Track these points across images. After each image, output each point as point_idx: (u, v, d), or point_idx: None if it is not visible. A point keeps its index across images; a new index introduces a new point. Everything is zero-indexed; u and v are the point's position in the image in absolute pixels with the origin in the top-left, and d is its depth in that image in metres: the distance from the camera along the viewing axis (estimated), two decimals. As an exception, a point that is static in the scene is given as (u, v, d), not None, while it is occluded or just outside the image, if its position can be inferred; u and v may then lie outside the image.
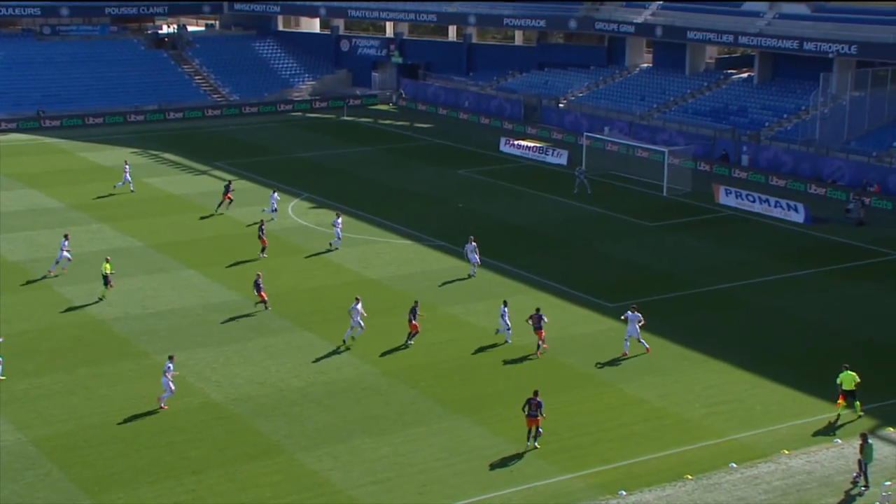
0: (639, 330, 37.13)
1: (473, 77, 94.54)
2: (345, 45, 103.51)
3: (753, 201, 58.25)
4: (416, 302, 38.76)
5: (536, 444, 30.72)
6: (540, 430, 30.82)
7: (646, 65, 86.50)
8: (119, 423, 32.00)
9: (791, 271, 47.27)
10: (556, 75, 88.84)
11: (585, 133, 71.41)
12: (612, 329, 39.57)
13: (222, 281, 45.25)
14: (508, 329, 38.05)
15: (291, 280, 45.59)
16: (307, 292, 44.00)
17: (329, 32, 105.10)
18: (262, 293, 41.61)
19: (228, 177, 66.15)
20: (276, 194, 55.67)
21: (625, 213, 57.51)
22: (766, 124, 71.40)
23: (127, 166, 62.42)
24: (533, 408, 30.61)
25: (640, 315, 37.29)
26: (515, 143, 74.51)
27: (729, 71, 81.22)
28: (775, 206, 57.09)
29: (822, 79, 67.18)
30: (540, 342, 36.42)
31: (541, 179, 65.77)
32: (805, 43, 71.23)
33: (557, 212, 57.82)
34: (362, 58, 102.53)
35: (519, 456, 30.14)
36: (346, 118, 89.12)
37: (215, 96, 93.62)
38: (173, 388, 33.17)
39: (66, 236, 46.39)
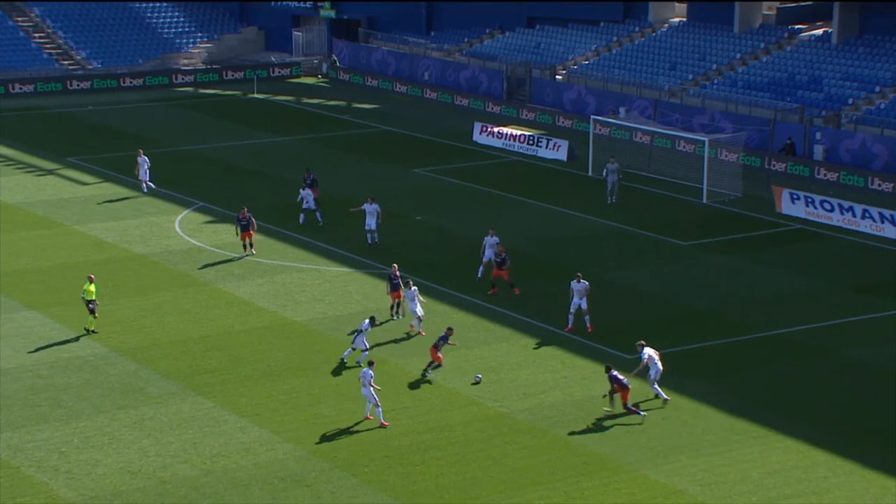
0: (586, 303, 43.91)
1: (436, 38, 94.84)
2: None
3: (831, 210, 58.69)
4: (449, 329, 41.27)
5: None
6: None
7: (678, 19, 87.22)
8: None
9: (885, 309, 47.50)
10: (551, 35, 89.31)
11: (593, 116, 71.71)
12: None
13: (78, 327, 44.96)
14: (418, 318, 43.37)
15: (179, 324, 45.32)
16: (201, 341, 43.73)
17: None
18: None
19: (88, 178, 65.82)
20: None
21: (648, 227, 57.67)
22: (850, 101, 72.07)
23: (142, 158, 62.36)
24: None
25: (587, 284, 44.06)
26: (495, 130, 74.71)
27: (796, 27, 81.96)
28: (863, 218, 57.54)
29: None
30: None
31: (531, 181, 65.91)
32: (906, -17, 71.92)
33: (553, 227, 57.87)
34: (279, 11, 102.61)
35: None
36: (255, 95, 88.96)
37: (66, 63, 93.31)
38: (377, 398, 36.98)
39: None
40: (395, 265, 46.11)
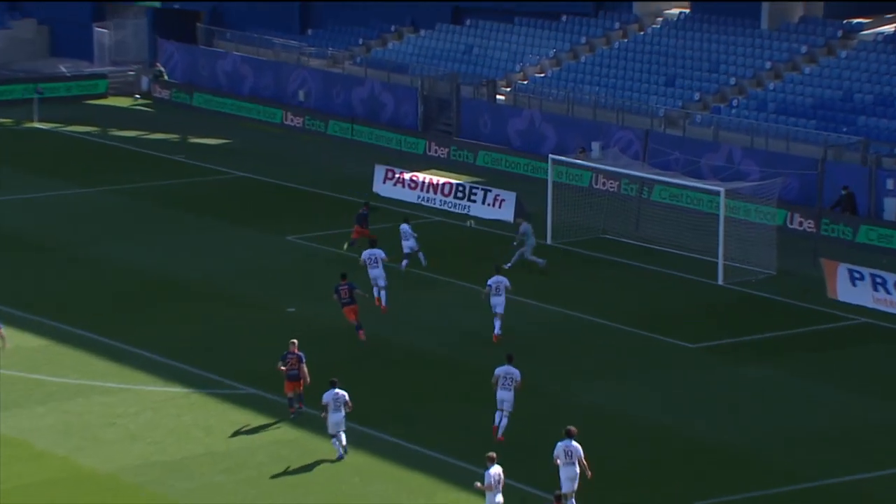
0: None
1: (315, 39, 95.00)
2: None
3: (910, 296, 58.98)
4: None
5: None
6: None
7: (677, 11, 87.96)
8: None
9: None
10: (489, 35, 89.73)
11: (551, 155, 71.55)
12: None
13: None
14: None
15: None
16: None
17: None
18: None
19: None
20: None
21: (638, 322, 57.81)
22: (935, 133, 72.76)
23: None
24: None
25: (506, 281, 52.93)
26: (406, 177, 74.58)
27: (854, 21, 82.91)
28: (957, 307, 57.95)
29: None
30: None
31: (460, 252, 65.98)
32: None
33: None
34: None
35: None
36: (36, 125, 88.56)
37: None
38: None
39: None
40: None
